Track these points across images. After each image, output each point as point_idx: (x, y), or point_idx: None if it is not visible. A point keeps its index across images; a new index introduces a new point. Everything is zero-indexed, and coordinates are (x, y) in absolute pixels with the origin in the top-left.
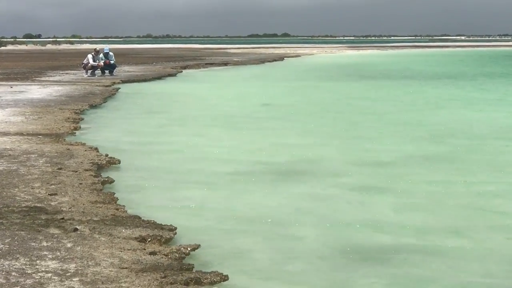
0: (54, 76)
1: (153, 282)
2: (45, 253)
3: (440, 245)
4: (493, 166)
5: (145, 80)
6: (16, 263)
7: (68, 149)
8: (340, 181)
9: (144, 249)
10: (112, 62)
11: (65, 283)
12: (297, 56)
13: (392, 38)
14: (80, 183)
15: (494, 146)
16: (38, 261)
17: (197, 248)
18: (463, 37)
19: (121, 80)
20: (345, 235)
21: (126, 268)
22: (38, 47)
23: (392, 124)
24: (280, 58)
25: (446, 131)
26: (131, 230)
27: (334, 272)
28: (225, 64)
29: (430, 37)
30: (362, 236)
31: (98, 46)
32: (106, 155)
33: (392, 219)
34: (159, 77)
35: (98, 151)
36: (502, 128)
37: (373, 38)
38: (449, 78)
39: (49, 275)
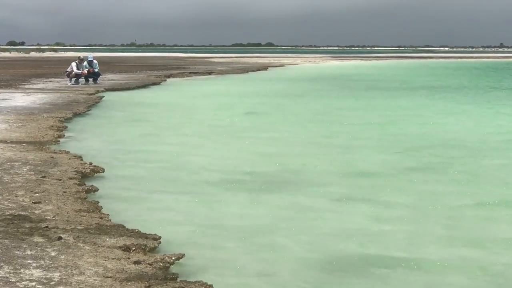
0: (38, 83)
1: None
2: (29, 261)
3: (422, 256)
4: (475, 177)
5: (129, 89)
6: (0, 271)
7: (52, 157)
8: (323, 191)
9: (129, 258)
10: (96, 70)
11: None
12: (281, 65)
13: (375, 48)
14: (64, 192)
15: (477, 157)
16: (22, 270)
17: (181, 258)
18: (446, 48)
19: (105, 88)
20: (327, 246)
21: (110, 277)
22: (22, 54)
23: (375, 135)
24: (264, 67)
25: (429, 142)
26: (115, 239)
27: (318, 283)
28: (209, 73)
29: (414, 48)
30: (345, 247)
31: (82, 54)
32: (90, 164)
33: (375, 230)
34: (143, 86)
35: (82, 160)
36: (486, 139)
37: (357, 48)
38: (433, 88)
39: (34, 283)
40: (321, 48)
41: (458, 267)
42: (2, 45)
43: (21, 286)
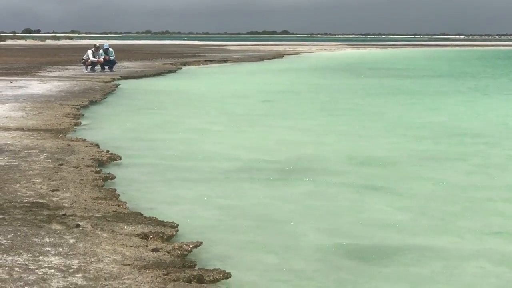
0: (54, 71)
1: (156, 279)
2: (47, 249)
3: (439, 244)
4: (493, 165)
5: (144, 76)
6: (19, 258)
7: (69, 144)
8: (340, 179)
9: (147, 246)
10: (112, 58)
11: (68, 279)
12: (297, 53)
13: (391, 36)
14: (82, 179)
15: (494, 146)
16: (41, 257)
17: (199, 245)
18: (462, 36)
19: (120, 76)
20: (345, 233)
21: (128, 264)
22: (37, 42)
23: (392, 123)
24: (280, 55)
25: (447, 130)
26: (133, 227)
27: (335, 270)
28: (225, 61)
29: (429, 36)
30: (362, 234)
31: (97, 42)
32: (107, 151)
33: (392, 217)
34: (158, 74)
35: (99, 147)
36: (503, 128)
37: (373, 36)
38: (450, 76)
39: (52, 271)
40: (336, 36)
41: (474, 254)
42: (18, 33)
43: (40, 273)
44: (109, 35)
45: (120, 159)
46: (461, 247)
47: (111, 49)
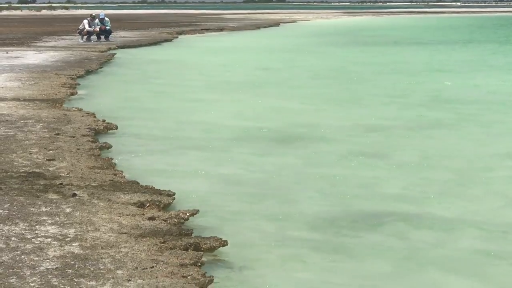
0: (49, 41)
1: (153, 247)
2: (44, 218)
3: (437, 211)
4: (491, 131)
5: (141, 46)
6: (15, 228)
7: (65, 114)
8: (336, 146)
9: (143, 215)
10: (107, 27)
11: (65, 248)
12: (293, 21)
13: (387, 4)
14: (78, 149)
15: (493, 111)
16: (37, 226)
17: (195, 214)
18: (458, 3)
19: (116, 46)
20: (341, 200)
21: (125, 233)
22: (33, 12)
23: (389, 89)
24: (276, 23)
25: (443, 97)
26: (129, 196)
27: (331, 236)
28: (221, 29)
29: (426, 3)
30: (358, 202)
31: (93, 12)
32: (103, 121)
33: (388, 184)
34: (155, 43)
35: (95, 117)
36: (501, 94)
37: (369, 4)
38: (449, 43)
39: (49, 240)
40: (332, 3)
41: (471, 221)
42: (14, 3)
43: (37, 242)
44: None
45: (117, 128)
46: (457, 213)
47: (107, 19)
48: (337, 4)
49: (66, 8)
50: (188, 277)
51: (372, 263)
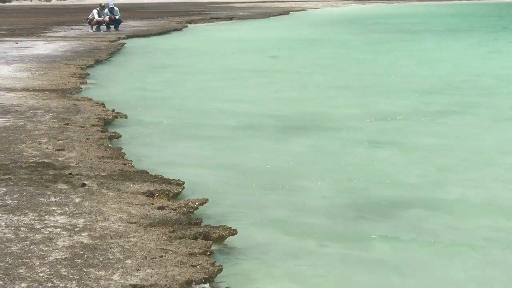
0: (59, 31)
1: (162, 236)
2: (53, 208)
3: (447, 198)
4: (501, 118)
5: (150, 35)
6: (25, 218)
7: (75, 104)
8: (346, 134)
9: (153, 204)
10: (117, 17)
11: (74, 238)
12: (303, 10)
13: None
14: (87, 139)
15: (501, 98)
16: (47, 216)
17: (205, 203)
18: None
19: (126, 35)
20: (351, 189)
21: (134, 223)
22: (43, 2)
23: (398, 77)
24: (286, 12)
25: (453, 84)
26: (139, 185)
27: (343, 224)
28: (231, 18)
29: None
30: (369, 189)
31: (103, 1)
32: (113, 110)
33: (398, 172)
34: (164, 32)
35: (104, 106)
36: (508, 80)
37: None
38: (458, 31)
39: (58, 230)
40: None
41: (483, 208)
42: None
43: (46, 232)
44: None
45: (126, 117)
46: (469, 199)
47: (116, 8)
48: None
49: None
50: (198, 267)
51: (385, 252)
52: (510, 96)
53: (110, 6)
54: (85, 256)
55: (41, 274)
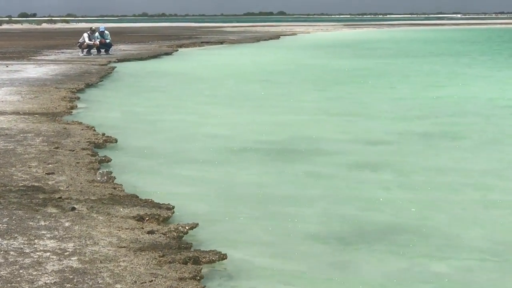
0: (50, 55)
1: (152, 261)
2: (43, 232)
3: (438, 223)
4: (491, 143)
5: (141, 59)
6: (14, 242)
7: (65, 128)
8: (337, 159)
9: (142, 228)
10: (108, 41)
11: (64, 262)
12: (293, 34)
13: (387, 16)
14: (77, 162)
15: (492, 123)
16: (36, 240)
17: (195, 227)
18: (459, 15)
19: (117, 59)
20: (342, 214)
21: (124, 247)
22: (34, 26)
23: (389, 102)
24: (276, 36)
25: (443, 109)
26: (129, 209)
27: (333, 250)
28: (221, 42)
29: (426, 15)
30: (361, 215)
31: (94, 25)
32: (103, 134)
33: (389, 197)
34: (155, 56)
35: (95, 130)
36: (499, 105)
37: (369, 16)
38: (448, 56)
39: (48, 254)
40: (333, 16)
41: (473, 234)
42: (14, 17)
43: (36, 256)
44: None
45: (116, 141)
46: (459, 224)
47: (107, 32)
48: (337, 16)
49: (67, 21)
50: None
51: (374, 278)
52: (501, 120)
53: (100, 30)
54: (75, 280)
55: None
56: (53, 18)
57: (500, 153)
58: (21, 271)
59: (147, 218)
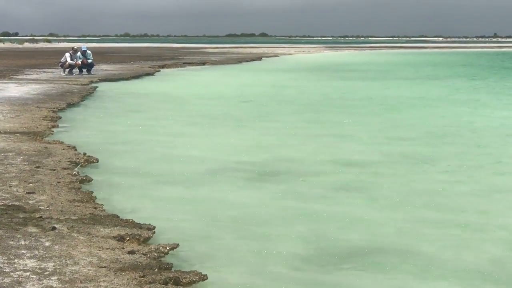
0: (31, 74)
1: (132, 281)
2: (23, 251)
3: (417, 245)
4: (472, 166)
5: (123, 79)
6: None
7: (46, 147)
8: (317, 180)
9: (123, 248)
10: (90, 60)
11: (44, 282)
12: (275, 55)
13: (369, 39)
14: (58, 182)
15: (475, 146)
16: (16, 260)
17: (175, 247)
18: (440, 38)
19: (98, 79)
20: (322, 235)
21: (104, 267)
22: (15, 45)
23: (371, 124)
24: (258, 57)
25: (424, 130)
26: (109, 229)
27: (313, 272)
28: (203, 63)
29: (408, 38)
30: (340, 236)
31: (76, 45)
32: (84, 154)
33: (370, 218)
34: (137, 76)
35: (76, 150)
36: (481, 127)
37: (351, 38)
38: (430, 78)
39: (28, 273)
40: (315, 38)
41: (453, 253)
42: None
43: (15, 276)
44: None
45: (97, 161)
46: (440, 247)
47: (89, 51)
48: (319, 38)
49: (48, 41)
50: None
51: None
52: (487, 145)
53: (82, 49)
54: None
55: None
56: (35, 38)
57: (480, 176)
58: None
59: (127, 238)
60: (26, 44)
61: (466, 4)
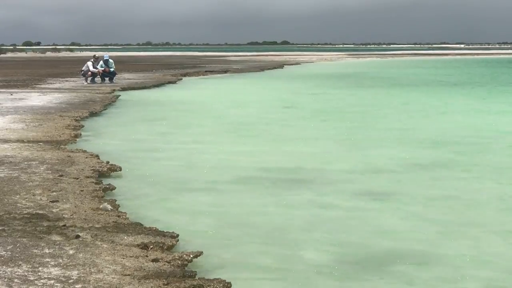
0: (54, 83)
1: None
2: (47, 260)
3: (444, 252)
4: (497, 172)
5: (145, 88)
6: (18, 270)
7: (69, 156)
8: (343, 188)
9: (147, 256)
10: (111, 69)
11: None
12: (297, 63)
13: (391, 46)
14: (82, 190)
15: (496, 152)
16: (40, 268)
17: (199, 255)
18: (462, 45)
19: (121, 88)
20: (348, 243)
21: (128, 275)
22: (38, 54)
23: (396, 131)
24: (280, 65)
25: (449, 138)
26: (133, 237)
27: (338, 280)
28: (225, 71)
29: (430, 45)
30: (366, 244)
31: (97, 54)
32: (107, 162)
33: (395, 226)
34: (159, 85)
35: (99, 158)
36: (504, 135)
37: (373, 46)
38: (453, 86)
39: (52, 282)
40: (336, 46)
41: (478, 262)
42: (18, 45)
43: (40, 284)
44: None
45: (120, 169)
46: (464, 253)
47: (111, 60)
48: (341, 46)
49: (71, 50)
50: None
51: None
52: (506, 151)
53: (105, 58)
54: None
55: None
56: (58, 47)
57: (503, 183)
58: None
59: (151, 246)
60: (48, 53)
61: (487, 11)
